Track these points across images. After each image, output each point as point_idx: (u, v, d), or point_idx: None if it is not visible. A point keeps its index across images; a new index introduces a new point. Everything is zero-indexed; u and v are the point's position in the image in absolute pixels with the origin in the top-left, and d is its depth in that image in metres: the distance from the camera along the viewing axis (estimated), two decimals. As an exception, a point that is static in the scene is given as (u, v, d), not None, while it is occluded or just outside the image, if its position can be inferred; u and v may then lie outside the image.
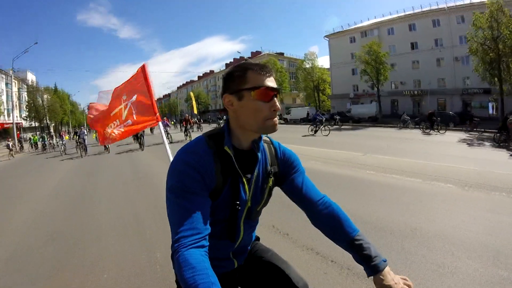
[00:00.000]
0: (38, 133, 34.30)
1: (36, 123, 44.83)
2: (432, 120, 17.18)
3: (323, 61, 46.58)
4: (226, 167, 0.98)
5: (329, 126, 17.73)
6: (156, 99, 3.23)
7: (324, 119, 18.00)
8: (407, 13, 34.46)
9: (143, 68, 3.09)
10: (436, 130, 16.67)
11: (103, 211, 5.01)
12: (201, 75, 78.48)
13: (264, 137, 1.15)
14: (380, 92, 36.48)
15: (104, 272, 2.88)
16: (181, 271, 0.76)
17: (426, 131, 17.31)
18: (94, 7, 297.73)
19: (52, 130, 42.67)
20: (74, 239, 3.83)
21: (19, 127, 36.43)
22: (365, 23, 38.81)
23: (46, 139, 23.24)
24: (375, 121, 28.35)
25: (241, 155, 1.03)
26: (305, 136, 16.80)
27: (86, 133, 15.94)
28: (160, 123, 3.05)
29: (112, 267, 2.98)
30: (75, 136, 18.91)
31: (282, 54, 57.49)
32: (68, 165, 12.02)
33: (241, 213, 1.06)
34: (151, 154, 12.86)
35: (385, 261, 0.97)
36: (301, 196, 1.14)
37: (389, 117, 32.60)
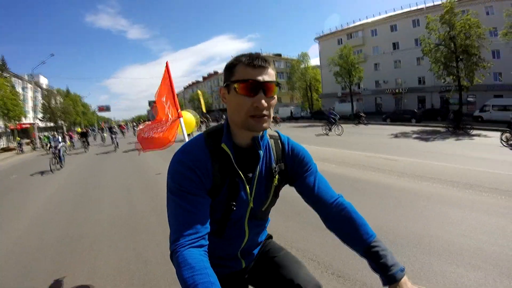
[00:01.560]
0: (47, 133, 37.35)
1: (51, 123, 48.96)
2: (458, 120, 16.68)
3: (317, 62, 48.05)
4: (224, 166, 0.94)
5: (341, 125, 17.47)
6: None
7: (338, 117, 17.85)
8: (388, 14, 35.65)
9: (167, 67, 3.12)
10: (462, 130, 16.17)
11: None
12: (206, 76, 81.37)
13: (271, 132, 1.08)
14: (364, 90, 38.39)
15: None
16: (180, 271, 0.75)
17: (452, 130, 16.69)
18: (102, 8, 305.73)
19: (65, 130, 46.26)
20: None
21: (36, 127, 40.00)
22: (351, 25, 40.22)
23: (51, 140, 23.89)
24: (348, 119, 29.82)
25: (241, 153, 0.97)
26: (319, 135, 16.99)
27: (60, 140, 12.65)
28: (181, 119, 3.05)
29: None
30: (80, 138, 20.44)
31: (279, 55, 59.37)
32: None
33: (243, 214, 1.02)
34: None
35: (402, 270, 0.88)
36: (313, 197, 1.06)
37: (373, 114, 34.08)
